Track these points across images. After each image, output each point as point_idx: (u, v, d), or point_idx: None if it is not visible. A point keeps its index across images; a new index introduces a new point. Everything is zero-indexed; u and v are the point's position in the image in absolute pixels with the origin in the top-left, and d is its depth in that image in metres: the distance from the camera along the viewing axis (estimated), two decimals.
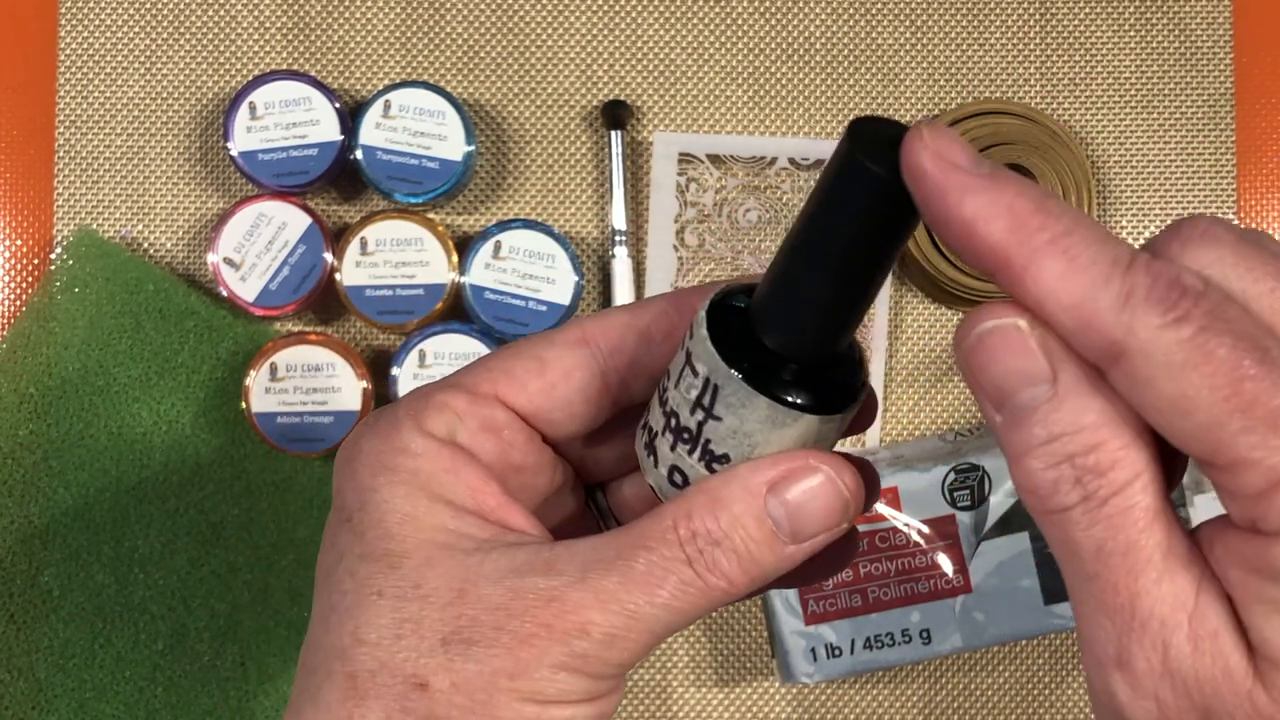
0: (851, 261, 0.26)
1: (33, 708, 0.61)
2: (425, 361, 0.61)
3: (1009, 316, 0.24)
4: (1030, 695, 0.65)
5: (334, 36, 0.65)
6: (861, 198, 0.25)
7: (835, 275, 0.27)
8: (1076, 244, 0.23)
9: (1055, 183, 0.62)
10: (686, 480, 0.30)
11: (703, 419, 0.29)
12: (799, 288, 0.27)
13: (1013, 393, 0.24)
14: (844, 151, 0.25)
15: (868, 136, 0.25)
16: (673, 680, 0.64)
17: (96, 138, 0.65)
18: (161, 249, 0.65)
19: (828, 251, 0.26)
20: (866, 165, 0.25)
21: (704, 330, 0.28)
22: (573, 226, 0.65)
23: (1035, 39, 0.66)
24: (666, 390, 0.30)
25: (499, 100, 0.66)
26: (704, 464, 0.29)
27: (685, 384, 0.29)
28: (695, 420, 0.29)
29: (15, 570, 0.62)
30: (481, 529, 0.30)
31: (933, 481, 0.59)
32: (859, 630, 0.59)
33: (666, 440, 0.30)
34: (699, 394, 0.28)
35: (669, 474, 0.30)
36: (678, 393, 0.29)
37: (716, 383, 0.28)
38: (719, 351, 0.28)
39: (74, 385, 0.62)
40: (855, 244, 0.26)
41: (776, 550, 0.29)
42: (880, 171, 0.25)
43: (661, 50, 0.66)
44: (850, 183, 0.25)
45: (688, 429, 0.29)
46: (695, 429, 0.29)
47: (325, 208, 0.65)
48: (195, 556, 0.62)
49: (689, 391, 0.29)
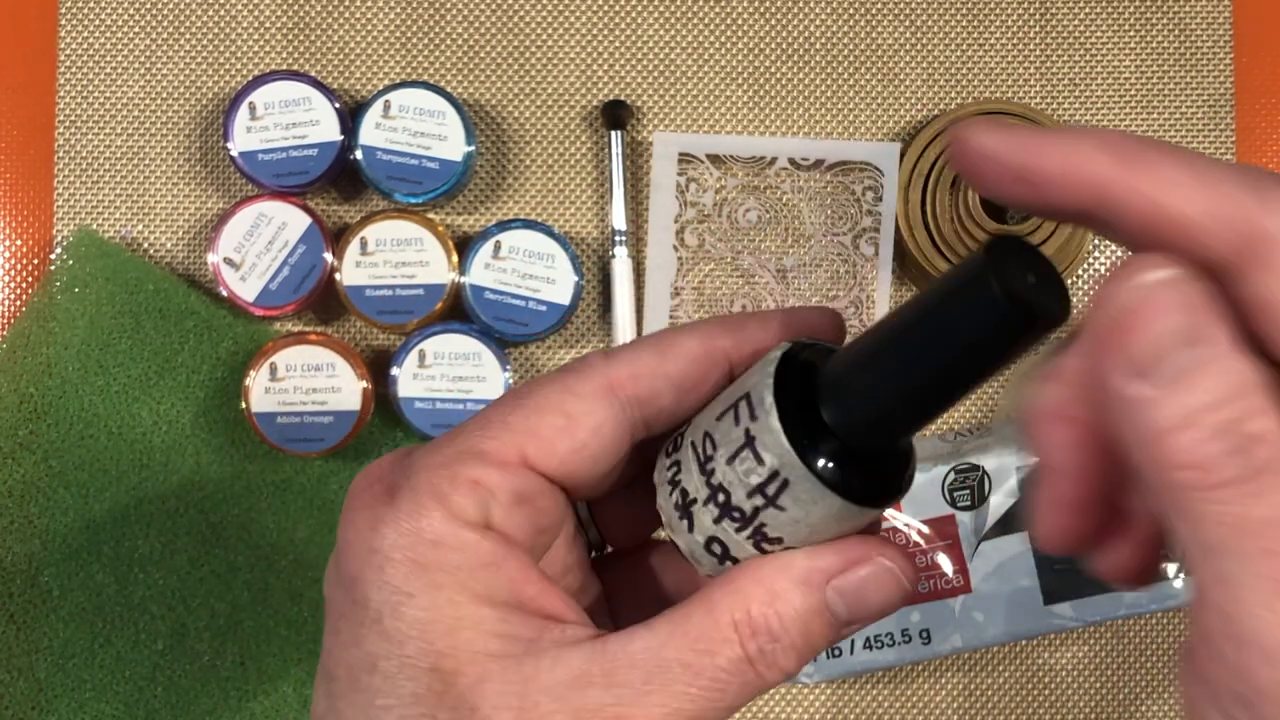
0: (952, 379, 0.26)
1: (33, 708, 0.61)
2: (425, 361, 0.61)
3: (1164, 268, 0.22)
4: (1030, 695, 0.65)
5: (334, 36, 0.65)
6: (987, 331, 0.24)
7: (934, 387, 0.26)
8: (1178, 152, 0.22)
9: None
10: (726, 550, 0.29)
11: (762, 504, 0.27)
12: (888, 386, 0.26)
13: (1167, 355, 0.22)
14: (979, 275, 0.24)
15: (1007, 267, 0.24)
16: None
17: (96, 138, 0.65)
18: (161, 249, 0.65)
19: (933, 363, 0.25)
20: (1005, 305, 0.23)
21: (775, 422, 0.27)
22: (573, 226, 0.65)
23: (1035, 39, 0.66)
24: (712, 461, 0.28)
25: (499, 100, 0.66)
26: (752, 543, 0.28)
27: (744, 467, 0.27)
28: (752, 505, 0.28)
29: (15, 570, 0.62)
30: (527, 626, 0.28)
31: (933, 481, 0.59)
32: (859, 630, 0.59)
33: (709, 512, 0.28)
34: (763, 483, 0.27)
35: (706, 543, 0.29)
36: (731, 471, 0.28)
37: (788, 478, 0.27)
38: (792, 445, 0.27)
39: (74, 385, 0.62)
40: (962, 366, 0.25)
41: (833, 638, 0.28)
42: (1020, 315, 0.23)
43: (661, 50, 0.66)
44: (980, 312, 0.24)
45: (740, 509, 0.28)
46: (751, 512, 0.28)
47: (325, 208, 0.65)
48: (195, 556, 0.62)
49: (749, 476, 0.27)
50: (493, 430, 0.29)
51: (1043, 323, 0.24)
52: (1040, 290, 0.24)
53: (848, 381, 0.27)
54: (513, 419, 0.29)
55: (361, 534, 0.28)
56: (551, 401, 0.29)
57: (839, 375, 0.27)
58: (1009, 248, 0.24)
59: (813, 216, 0.65)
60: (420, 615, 0.27)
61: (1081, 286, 0.66)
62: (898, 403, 0.26)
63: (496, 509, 0.28)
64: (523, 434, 0.28)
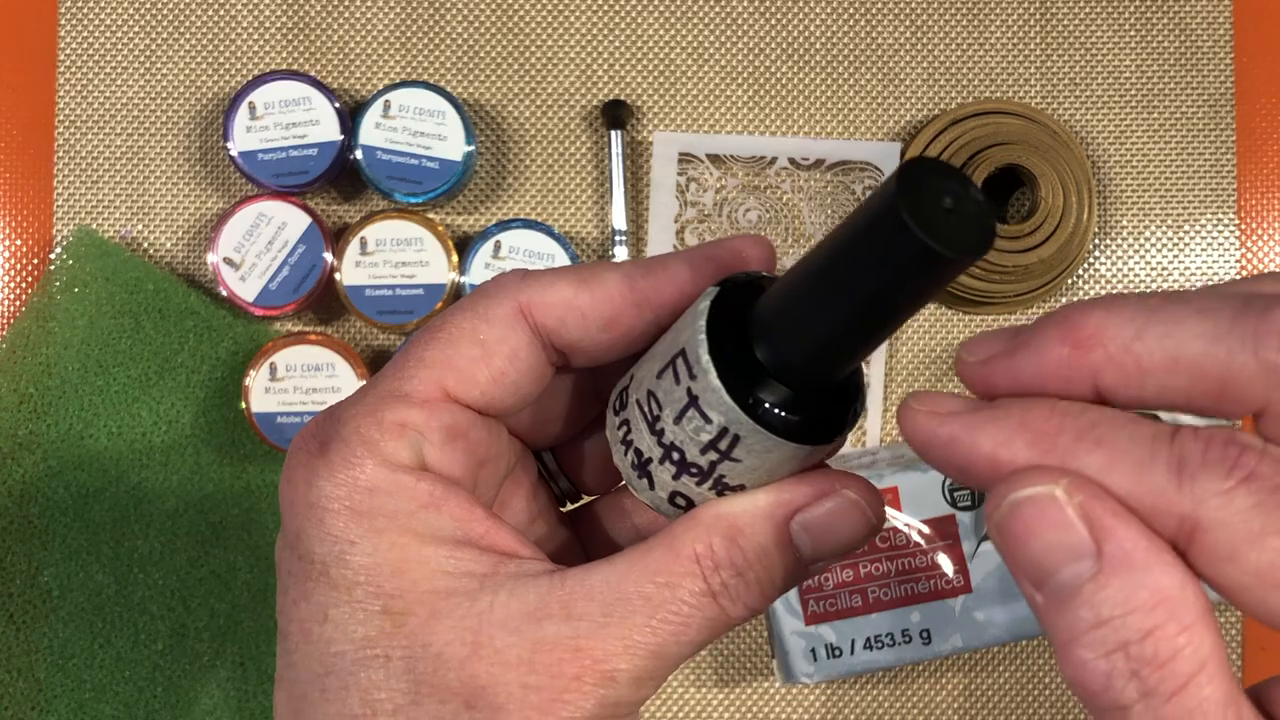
0: (877, 311, 0.25)
1: (32, 708, 0.61)
2: None
3: (1043, 483, 0.21)
4: (1030, 695, 0.65)
5: (334, 36, 0.65)
6: (902, 260, 0.23)
7: (862, 320, 0.25)
8: (1104, 432, 0.21)
9: (1055, 183, 0.62)
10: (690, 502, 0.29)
11: (717, 459, 0.27)
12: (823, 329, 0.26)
13: (1053, 570, 0.21)
14: (890, 203, 0.23)
15: (915, 185, 0.23)
16: (673, 680, 0.64)
17: (96, 138, 0.65)
18: (161, 249, 0.65)
19: (856, 297, 0.25)
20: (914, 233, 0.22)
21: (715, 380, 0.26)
22: (573, 226, 0.65)
23: (1035, 39, 0.66)
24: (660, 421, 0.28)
25: (499, 100, 0.66)
26: (715, 492, 0.28)
27: (692, 426, 0.27)
28: (708, 460, 0.27)
29: (15, 570, 0.62)
30: (479, 562, 0.27)
31: (933, 481, 0.59)
32: (859, 630, 0.59)
33: (666, 470, 0.28)
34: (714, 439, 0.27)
35: (670, 498, 0.29)
36: (680, 430, 0.27)
37: (737, 433, 0.26)
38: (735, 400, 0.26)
39: (74, 385, 0.62)
40: (885, 298, 0.24)
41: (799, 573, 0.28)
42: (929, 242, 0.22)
43: (661, 50, 0.66)
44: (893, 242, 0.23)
45: (696, 465, 0.28)
46: (707, 466, 0.27)
47: (325, 208, 0.65)
48: (195, 556, 0.62)
49: (699, 434, 0.27)
50: (410, 369, 0.28)
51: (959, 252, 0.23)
52: (956, 215, 0.23)
53: (777, 322, 0.26)
54: (428, 354, 0.28)
55: (299, 490, 0.28)
56: (465, 331, 0.29)
57: (768, 316, 0.26)
58: (921, 172, 0.23)
59: (813, 216, 0.65)
60: (365, 561, 0.27)
61: (1082, 286, 0.66)
62: (828, 340, 0.26)
63: (429, 449, 0.28)
64: (440, 368, 0.28)
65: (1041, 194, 0.62)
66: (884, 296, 0.24)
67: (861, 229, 0.24)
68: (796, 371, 0.26)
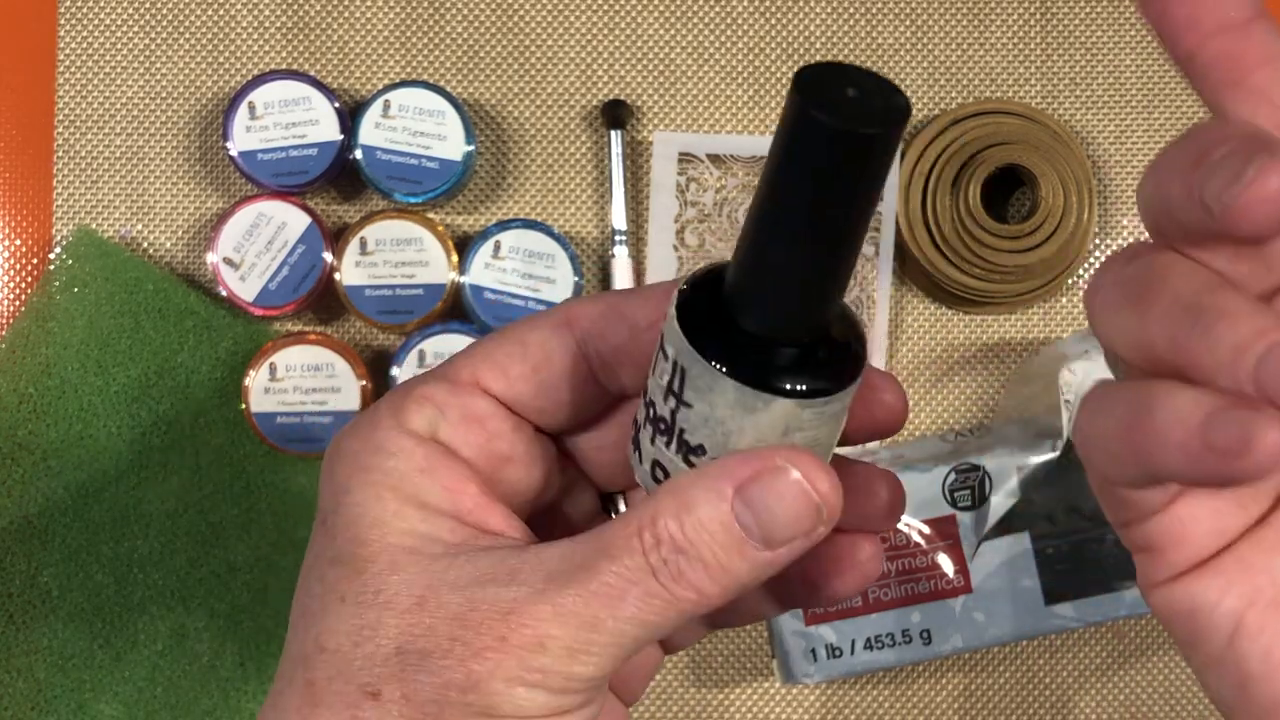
0: (818, 224, 0.24)
1: (32, 708, 0.61)
2: (425, 361, 0.61)
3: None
4: (1030, 695, 0.65)
5: (334, 36, 0.65)
6: (822, 153, 0.23)
7: (803, 241, 0.25)
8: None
9: (1055, 183, 0.62)
10: (666, 473, 0.28)
11: (675, 406, 0.27)
12: (766, 259, 0.25)
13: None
14: (795, 107, 0.23)
15: (816, 85, 0.23)
16: (673, 680, 0.64)
17: (96, 138, 0.65)
18: (161, 249, 0.65)
19: (793, 216, 0.24)
20: (823, 121, 0.22)
21: (673, 309, 0.26)
22: (573, 226, 0.65)
23: (1035, 39, 0.66)
24: (648, 379, 0.28)
25: (499, 100, 0.66)
26: (681, 456, 0.28)
27: (659, 369, 0.27)
28: (669, 408, 0.27)
29: (14, 570, 0.62)
30: (453, 532, 0.28)
31: (933, 481, 0.59)
32: (859, 630, 0.59)
33: (647, 432, 0.28)
34: (670, 379, 0.27)
35: (651, 470, 0.29)
36: (654, 379, 0.28)
37: (683, 365, 0.26)
38: (685, 330, 0.26)
39: (73, 385, 0.62)
40: (820, 204, 0.24)
41: (749, 557, 0.27)
42: (839, 124, 0.22)
43: (661, 50, 0.66)
44: (807, 140, 0.23)
45: (663, 418, 0.27)
46: (670, 417, 0.27)
47: (325, 207, 0.65)
48: (195, 556, 0.62)
49: (661, 377, 0.27)
50: (459, 357, 0.31)
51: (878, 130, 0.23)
52: (862, 98, 0.23)
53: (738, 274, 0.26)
54: (479, 347, 0.31)
55: (329, 449, 0.31)
56: (514, 333, 0.31)
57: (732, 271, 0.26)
58: (817, 74, 0.23)
59: None
60: (353, 510, 0.29)
61: (1082, 287, 0.66)
62: (785, 269, 0.25)
63: (444, 424, 0.30)
64: (479, 358, 0.30)
65: (1042, 194, 0.62)
66: (823, 203, 0.24)
67: (781, 147, 0.24)
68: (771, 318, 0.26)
